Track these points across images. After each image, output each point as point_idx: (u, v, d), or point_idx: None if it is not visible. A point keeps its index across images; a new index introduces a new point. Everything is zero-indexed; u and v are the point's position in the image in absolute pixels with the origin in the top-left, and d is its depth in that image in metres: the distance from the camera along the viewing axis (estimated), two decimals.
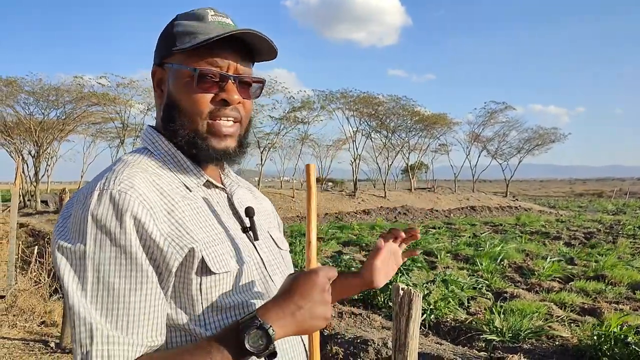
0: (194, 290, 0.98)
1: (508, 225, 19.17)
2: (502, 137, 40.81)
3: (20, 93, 25.21)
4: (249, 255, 1.10)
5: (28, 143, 28.39)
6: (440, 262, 9.93)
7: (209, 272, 0.99)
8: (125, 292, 0.90)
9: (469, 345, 5.30)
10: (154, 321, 0.93)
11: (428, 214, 26.40)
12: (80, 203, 0.95)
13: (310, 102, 31.19)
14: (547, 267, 9.10)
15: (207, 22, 1.07)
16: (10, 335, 5.20)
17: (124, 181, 0.96)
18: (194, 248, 0.97)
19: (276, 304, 0.94)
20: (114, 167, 1.03)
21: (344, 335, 4.74)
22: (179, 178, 1.07)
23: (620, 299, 7.35)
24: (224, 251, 1.03)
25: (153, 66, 1.14)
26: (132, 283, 0.91)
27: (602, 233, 16.33)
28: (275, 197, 26.86)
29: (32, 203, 25.24)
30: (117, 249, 0.91)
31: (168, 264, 0.94)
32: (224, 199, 1.16)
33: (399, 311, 1.68)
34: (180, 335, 0.99)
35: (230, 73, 1.07)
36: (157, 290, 0.94)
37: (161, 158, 1.09)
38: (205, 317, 0.99)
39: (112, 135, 34.28)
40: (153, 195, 0.98)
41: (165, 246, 0.94)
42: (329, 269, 0.99)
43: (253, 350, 0.88)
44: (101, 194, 0.93)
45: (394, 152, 36.82)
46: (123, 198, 0.92)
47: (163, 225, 0.96)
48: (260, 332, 0.88)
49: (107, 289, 0.89)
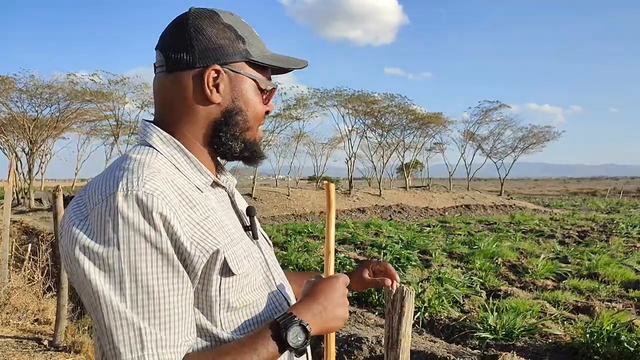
0: (214, 291, 0.98)
1: (502, 223, 19.23)
2: (496, 136, 40.91)
3: (13, 91, 25.08)
4: (256, 254, 1.11)
5: (22, 140, 28.26)
6: (435, 260, 9.95)
7: (229, 274, 0.99)
8: (165, 293, 0.90)
9: (462, 343, 5.32)
10: (190, 319, 0.95)
11: (423, 212, 26.44)
12: (103, 204, 0.91)
13: (305, 98, 31.16)
14: (541, 265, 9.14)
15: (255, 36, 1.14)
16: (3, 333, 5.18)
17: (147, 182, 0.93)
18: (219, 250, 0.97)
19: (305, 305, 1.03)
20: (128, 166, 0.98)
21: (338, 333, 4.74)
22: (189, 178, 1.05)
23: (613, 297, 7.40)
24: (239, 252, 1.04)
25: (212, 64, 1.06)
26: (170, 284, 0.91)
27: (596, 232, 16.40)
28: (270, 195, 26.84)
29: (26, 201, 25.10)
30: (153, 250, 0.89)
31: (195, 266, 0.94)
32: (226, 198, 1.17)
33: (392, 308, 1.68)
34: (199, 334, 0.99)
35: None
36: (190, 291, 0.95)
37: (168, 157, 1.05)
38: (220, 316, 1.00)
39: (106, 133, 34.16)
40: (174, 196, 0.96)
41: (192, 248, 0.94)
42: (344, 276, 1.13)
43: (293, 345, 0.95)
44: (127, 196, 0.90)
45: (389, 150, 36.84)
46: (151, 200, 0.90)
47: (186, 227, 0.95)
48: (300, 329, 0.97)
49: (147, 292, 0.88)
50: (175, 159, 1.05)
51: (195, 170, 1.07)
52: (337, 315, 1.05)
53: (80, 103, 27.30)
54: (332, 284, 1.07)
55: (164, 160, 1.04)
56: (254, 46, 1.10)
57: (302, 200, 26.38)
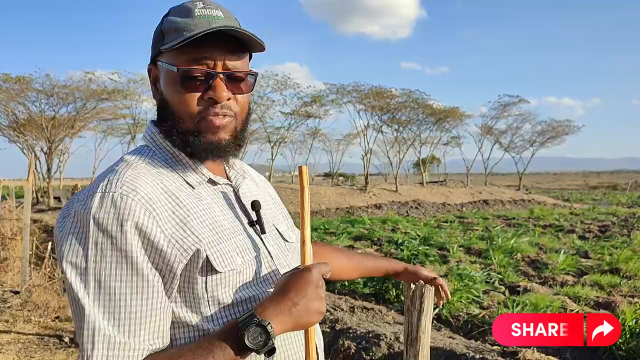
0: (200, 290, 0.98)
1: (521, 218, 19.01)
2: (515, 130, 40.55)
3: (30, 91, 25.42)
4: (256, 249, 1.09)
5: (40, 140, 28.67)
6: (453, 256, 9.87)
7: (214, 272, 0.99)
8: (126, 296, 0.90)
9: (482, 339, 5.27)
10: (156, 325, 0.93)
11: (440, 207, 26.28)
12: (81, 204, 0.94)
13: (321, 96, 31.13)
14: (561, 260, 9.01)
15: (193, 17, 1.03)
16: (25, 330, 5.25)
17: (125, 183, 0.95)
18: (199, 249, 0.96)
19: (273, 302, 0.96)
20: (116, 167, 1.02)
21: (356, 330, 4.72)
22: (181, 176, 1.06)
23: (635, 293, 7.26)
24: (230, 248, 1.02)
25: (149, 63, 1.13)
26: (133, 287, 0.91)
27: (617, 226, 16.14)
28: (286, 191, 26.87)
29: (45, 199, 25.52)
30: (118, 253, 0.90)
31: (172, 267, 0.94)
32: (230, 193, 1.15)
33: (411, 305, 1.66)
34: (188, 331, 0.99)
35: (218, 69, 1.04)
36: (159, 295, 0.94)
37: (162, 156, 1.08)
38: (213, 313, 1.00)
39: (123, 132, 34.57)
40: (157, 195, 0.97)
41: (169, 250, 0.94)
42: (322, 265, 1.04)
43: (253, 346, 0.90)
44: (103, 197, 0.92)
45: (406, 145, 36.68)
46: (125, 202, 0.92)
47: (167, 226, 0.95)
48: (260, 329, 0.91)
49: (109, 293, 0.90)
50: (166, 158, 1.07)
51: (185, 168, 1.08)
52: (310, 310, 0.97)
53: (96, 102, 27.60)
54: (304, 277, 0.99)
55: (155, 160, 1.06)
56: (172, 34, 1.03)
57: (318, 197, 26.37)
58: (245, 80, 1.09)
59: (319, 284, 1.00)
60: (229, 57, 1.05)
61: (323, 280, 1.02)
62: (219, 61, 1.04)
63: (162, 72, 1.08)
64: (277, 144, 33.41)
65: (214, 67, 1.04)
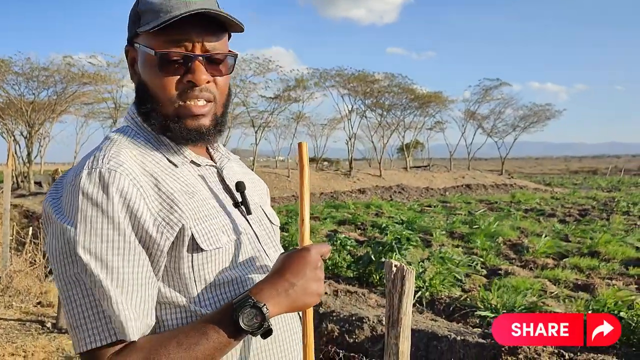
0: (186, 269, 0.97)
1: (503, 202, 19.23)
2: (497, 115, 40.79)
3: (9, 74, 24.91)
4: (242, 230, 1.08)
5: (19, 124, 28.18)
6: (436, 240, 9.97)
7: (199, 250, 0.98)
8: (117, 266, 0.90)
9: (463, 321, 5.35)
10: (143, 299, 0.92)
11: (423, 192, 26.44)
12: (71, 183, 0.94)
13: (304, 80, 30.95)
14: (542, 244, 9.14)
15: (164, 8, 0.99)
16: (6, 315, 5.21)
17: (112, 159, 0.95)
18: (184, 225, 0.95)
19: (269, 283, 0.94)
20: (102, 145, 1.02)
21: (340, 313, 4.76)
22: (165, 155, 1.06)
23: (613, 275, 7.41)
24: (215, 227, 1.01)
25: (126, 45, 1.10)
26: (123, 257, 0.90)
27: (597, 210, 16.41)
28: (270, 176, 26.82)
29: (26, 184, 25.13)
30: (108, 224, 0.90)
31: (159, 243, 0.94)
32: (213, 174, 1.14)
33: (392, 288, 1.67)
34: (176, 312, 0.98)
35: (197, 52, 1.02)
36: (146, 268, 0.93)
37: (145, 136, 1.07)
38: (200, 294, 0.99)
39: (104, 116, 34.08)
40: (142, 171, 0.97)
41: (156, 225, 0.93)
42: (321, 245, 1.01)
43: (248, 328, 0.89)
44: (90, 173, 0.92)
45: (389, 130, 36.74)
46: (112, 176, 0.92)
47: (153, 201, 0.95)
48: (255, 311, 0.89)
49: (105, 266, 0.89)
50: (149, 138, 1.07)
51: (168, 149, 1.07)
52: (308, 291, 0.95)
53: (77, 86, 27.13)
54: (302, 257, 0.96)
55: (139, 140, 1.06)
56: (149, 15, 1.01)
57: None
58: (224, 62, 1.07)
59: (318, 264, 0.98)
60: (207, 39, 1.02)
61: (322, 261, 1.00)
62: (198, 43, 1.01)
63: (139, 54, 1.06)
64: (261, 128, 33.22)
65: (193, 49, 1.01)
